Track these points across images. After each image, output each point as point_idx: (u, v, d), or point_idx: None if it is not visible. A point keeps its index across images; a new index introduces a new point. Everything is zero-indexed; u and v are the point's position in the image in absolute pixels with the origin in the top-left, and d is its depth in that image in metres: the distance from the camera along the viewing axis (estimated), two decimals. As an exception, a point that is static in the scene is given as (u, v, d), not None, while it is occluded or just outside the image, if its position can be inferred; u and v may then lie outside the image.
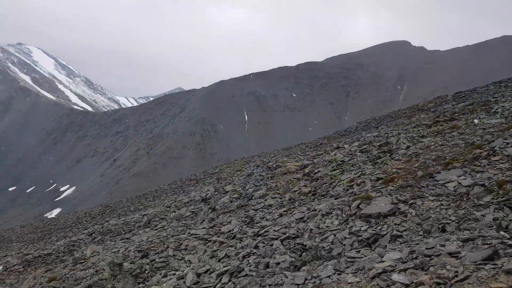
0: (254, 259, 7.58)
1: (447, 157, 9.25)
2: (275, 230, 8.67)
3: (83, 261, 11.44)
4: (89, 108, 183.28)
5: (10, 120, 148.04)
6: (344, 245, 7.05)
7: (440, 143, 10.73)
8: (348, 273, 5.60)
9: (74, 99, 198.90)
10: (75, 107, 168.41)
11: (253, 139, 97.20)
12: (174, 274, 8.69)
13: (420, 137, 12.52)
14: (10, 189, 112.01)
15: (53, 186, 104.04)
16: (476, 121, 12.32)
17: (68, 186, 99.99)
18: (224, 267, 7.63)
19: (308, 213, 8.98)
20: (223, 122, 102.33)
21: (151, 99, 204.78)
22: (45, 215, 78.14)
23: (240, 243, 9.28)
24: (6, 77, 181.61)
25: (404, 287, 4.69)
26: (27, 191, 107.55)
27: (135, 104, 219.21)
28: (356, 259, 6.22)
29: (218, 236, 10.53)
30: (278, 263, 7.14)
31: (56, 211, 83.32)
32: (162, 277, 8.96)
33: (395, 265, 5.30)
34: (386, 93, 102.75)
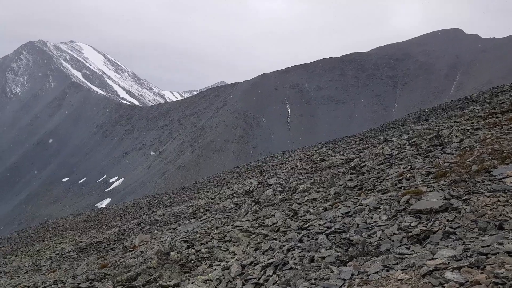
0: (299, 252, 7.51)
1: (504, 151, 8.72)
2: (320, 224, 8.55)
3: (132, 249, 11.85)
4: (136, 103, 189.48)
5: (64, 115, 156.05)
6: (393, 241, 6.82)
7: (496, 136, 10.13)
8: (397, 270, 5.43)
9: (122, 93, 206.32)
10: (123, 101, 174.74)
11: (295, 132, 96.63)
12: (219, 264, 8.80)
13: (474, 129, 11.89)
14: (64, 179, 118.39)
15: (103, 177, 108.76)
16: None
17: (117, 177, 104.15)
18: (268, 259, 7.62)
19: (354, 207, 8.77)
20: (265, 115, 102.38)
21: (195, 93, 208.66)
22: (96, 205, 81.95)
23: (284, 236, 9.24)
24: (60, 73, 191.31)
25: (458, 286, 4.48)
26: (80, 181, 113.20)
27: (180, 98, 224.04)
28: (406, 255, 6.02)
29: (262, 229, 10.55)
30: (323, 258, 7.04)
31: (106, 201, 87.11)
32: (207, 267, 9.11)
33: (448, 262, 5.08)
34: (437, 84, 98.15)
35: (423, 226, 6.91)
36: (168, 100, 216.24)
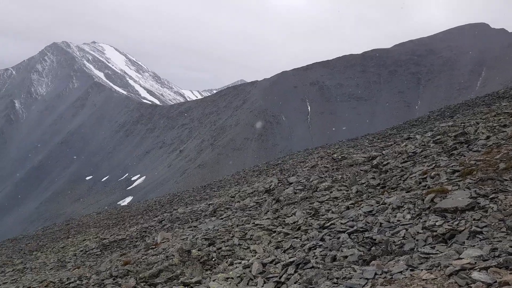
0: (321, 251, 7.44)
1: (533, 148, 8.45)
2: (342, 223, 8.46)
3: (154, 246, 11.98)
4: (157, 102, 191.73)
5: (87, 114, 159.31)
6: (417, 240, 6.69)
7: (525, 133, 9.85)
8: (422, 270, 5.32)
9: (143, 93, 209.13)
10: (144, 101, 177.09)
11: (316, 130, 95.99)
12: (240, 262, 8.80)
13: (501, 126, 11.57)
14: (88, 178, 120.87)
15: (125, 175, 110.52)
16: None
17: (138, 175, 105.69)
18: (289, 258, 7.58)
19: (377, 206, 8.65)
20: (285, 113, 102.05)
21: (215, 91, 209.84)
22: (118, 203, 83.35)
23: (305, 235, 9.18)
24: (83, 74, 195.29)
25: (486, 286, 4.36)
26: (102, 180, 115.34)
27: (200, 97, 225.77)
28: (431, 255, 5.90)
29: (283, 227, 10.51)
30: (345, 257, 6.96)
31: (128, 199, 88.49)
32: (228, 265, 9.13)
33: (475, 262, 4.95)
34: (462, 80, 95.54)
35: (448, 225, 6.76)
36: (188, 99, 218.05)
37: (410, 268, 5.47)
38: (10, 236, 48.03)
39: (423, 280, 5.04)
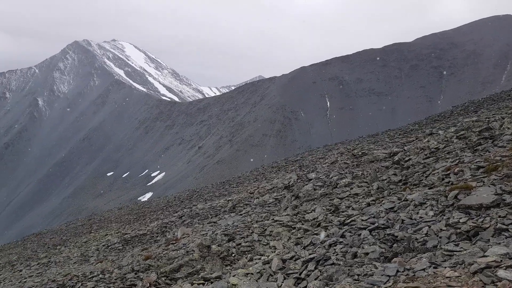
0: (341, 248, 7.38)
1: (562, 144, 8.19)
2: (362, 220, 8.37)
3: (174, 242, 12.10)
4: (176, 99, 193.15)
5: (108, 111, 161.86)
6: (440, 237, 6.57)
7: (553, 127, 9.55)
8: (445, 267, 5.23)
9: (162, 90, 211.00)
10: (164, 98, 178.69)
11: (335, 126, 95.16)
12: (259, 258, 8.82)
13: (527, 121, 11.27)
14: (109, 174, 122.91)
15: (145, 171, 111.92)
16: None
17: (158, 172, 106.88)
18: (309, 254, 7.54)
19: (399, 203, 8.53)
20: (304, 109, 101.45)
21: (233, 88, 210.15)
22: (138, 199, 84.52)
23: (325, 231, 9.13)
24: (103, 71, 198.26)
25: (512, 284, 4.28)
26: (123, 176, 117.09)
27: (218, 93, 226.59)
28: (455, 252, 5.78)
29: (302, 224, 10.48)
30: (366, 253, 6.88)
31: (148, 195, 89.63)
32: (248, 261, 9.16)
33: (501, 260, 4.85)
34: (486, 74, 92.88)
35: (472, 223, 6.62)
36: (207, 96, 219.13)
37: (433, 266, 5.38)
38: (35, 230, 49.34)
39: (447, 277, 4.95)
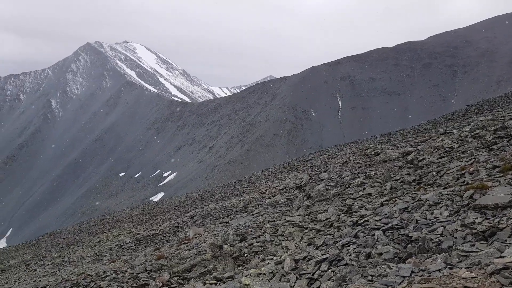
0: (354, 248, 7.32)
1: None
2: (376, 220, 8.29)
3: (186, 242, 12.13)
4: (187, 99, 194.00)
5: (120, 112, 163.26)
6: (456, 238, 6.47)
7: None
8: (461, 268, 5.15)
9: (173, 91, 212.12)
10: (175, 98, 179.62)
11: (347, 126, 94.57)
12: (271, 258, 8.79)
13: (544, 120, 11.06)
14: (121, 174, 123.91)
15: (157, 172, 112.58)
16: None
17: (170, 172, 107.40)
18: (322, 255, 7.49)
19: (413, 203, 8.43)
20: (315, 109, 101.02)
21: (244, 88, 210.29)
22: (150, 199, 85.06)
23: (338, 231, 9.06)
24: (115, 73, 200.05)
25: (531, 286, 4.19)
26: (135, 176, 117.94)
27: (229, 93, 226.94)
28: (471, 253, 5.70)
29: (315, 224, 10.42)
30: (380, 254, 6.81)
31: (160, 195, 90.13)
32: (260, 261, 9.13)
33: (518, 261, 4.76)
34: (501, 72, 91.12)
35: (489, 223, 6.51)
36: (218, 96, 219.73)
37: (449, 266, 5.31)
38: (49, 230, 49.99)
39: (463, 278, 4.88)
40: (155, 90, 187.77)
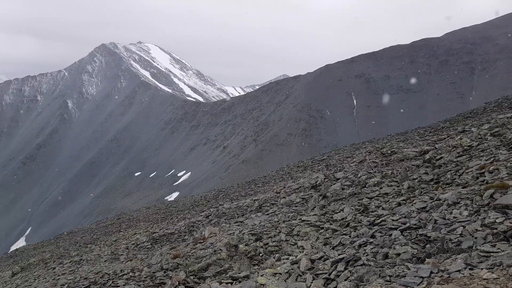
0: (371, 248, 7.25)
1: None
2: (393, 220, 8.20)
3: (202, 241, 12.19)
4: (201, 99, 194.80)
5: (135, 112, 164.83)
6: (476, 238, 6.36)
7: None
8: (482, 269, 5.06)
9: (187, 91, 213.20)
10: (189, 98, 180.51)
11: (362, 124, 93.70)
12: (287, 258, 8.76)
13: None
14: (136, 174, 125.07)
15: (171, 171, 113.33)
16: None
17: (184, 171, 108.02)
18: (339, 255, 7.44)
19: (431, 202, 8.31)
20: (330, 107, 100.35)
21: (257, 87, 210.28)
22: (165, 198, 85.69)
23: (354, 231, 8.99)
24: (130, 73, 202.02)
25: (555, 288, 4.08)
26: (150, 176, 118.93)
27: (242, 93, 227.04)
28: (492, 253, 5.59)
29: (331, 224, 10.35)
30: (398, 254, 6.73)
31: (175, 195, 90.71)
32: (276, 261, 9.11)
33: (541, 262, 4.65)
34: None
35: (510, 223, 6.38)
36: (231, 96, 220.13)
37: (469, 267, 5.22)
38: (66, 229, 50.78)
39: (484, 279, 4.79)
40: (169, 90, 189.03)
